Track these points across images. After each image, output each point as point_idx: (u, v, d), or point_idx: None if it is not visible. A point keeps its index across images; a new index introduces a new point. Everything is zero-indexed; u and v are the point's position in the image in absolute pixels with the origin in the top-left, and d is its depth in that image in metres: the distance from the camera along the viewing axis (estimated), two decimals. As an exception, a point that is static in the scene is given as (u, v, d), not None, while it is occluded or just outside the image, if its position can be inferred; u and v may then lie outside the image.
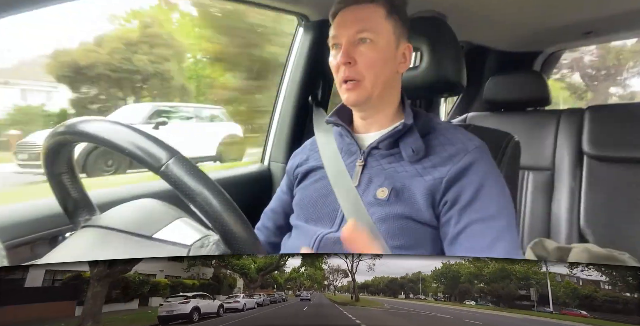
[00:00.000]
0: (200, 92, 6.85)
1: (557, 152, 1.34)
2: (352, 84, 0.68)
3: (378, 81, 0.68)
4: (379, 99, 0.70)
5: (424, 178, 0.65)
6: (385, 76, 0.69)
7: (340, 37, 0.68)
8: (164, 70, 5.83)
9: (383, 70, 0.68)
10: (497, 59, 1.76)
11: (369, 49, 0.67)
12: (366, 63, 0.67)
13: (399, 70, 0.72)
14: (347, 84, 0.68)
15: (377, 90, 0.68)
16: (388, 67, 0.69)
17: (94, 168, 4.15)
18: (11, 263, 0.56)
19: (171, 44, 5.78)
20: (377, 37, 0.67)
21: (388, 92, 0.71)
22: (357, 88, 0.68)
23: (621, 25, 1.48)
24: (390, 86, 0.71)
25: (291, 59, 1.25)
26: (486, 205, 0.62)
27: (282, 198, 0.86)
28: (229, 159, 5.99)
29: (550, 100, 1.43)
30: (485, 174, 0.65)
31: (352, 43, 0.67)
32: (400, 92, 0.75)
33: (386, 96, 0.71)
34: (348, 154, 0.75)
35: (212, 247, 0.50)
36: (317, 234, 0.69)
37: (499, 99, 1.45)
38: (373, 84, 0.68)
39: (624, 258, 1.00)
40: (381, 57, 0.67)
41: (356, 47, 0.67)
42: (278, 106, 1.29)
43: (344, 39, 0.67)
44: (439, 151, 0.68)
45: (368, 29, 0.67)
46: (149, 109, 5.31)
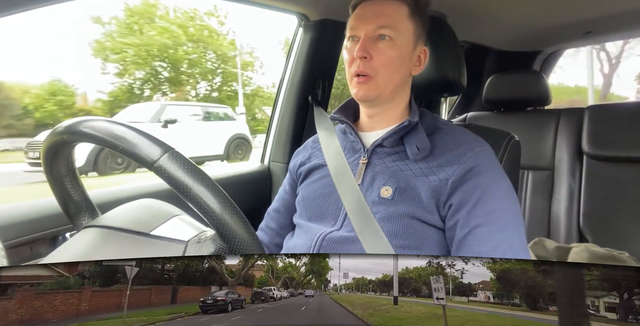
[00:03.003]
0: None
1: (556, 152, 1.35)
2: (364, 79, 0.66)
3: (391, 80, 0.67)
4: (389, 98, 0.69)
5: (428, 178, 0.65)
6: (400, 77, 0.68)
7: (359, 30, 0.66)
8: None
9: (398, 70, 0.67)
10: (497, 59, 1.76)
11: (387, 47, 0.65)
12: (382, 60, 0.65)
13: (412, 72, 0.71)
14: (359, 77, 0.66)
15: (388, 89, 0.67)
16: (404, 67, 0.68)
17: (105, 166, 4.22)
18: (11, 263, 0.56)
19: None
20: (397, 36, 0.65)
21: (399, 93, 0.70)
22: (368, 83, 0.66)
23: (621, 25, 1.48)
24: (401, 87, 0.70)
25: (291, 58, 1.25)
26: (492, 208, 0.61)
27: (285, 198, 0.85)
28: (237, 159, 6.02)
29: (550, 99, 1.43)
30: (492, 177, 0.64)
31: (371, 38, 0.65)
32: (409, 94, 0.74)
33: (396, 97, 0.71)
34: (352, 152, 0.74)
35: (209, 242, 0.50)
36: (320, 233, 0.68)
37: (499, 99, 1.45)
38: (385, 83, 0.66)
39: (624, 258, 1.00)
40: (398, 57, 0.66)
41: (374, 42, 0.65)
42: (278, 105, 1.29)
43: (362, 32, 0.66)
44: (444, 150, 0.67)
45: (389, 25, 0.65)
46: (157, 107, 5.35)
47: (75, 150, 0.55)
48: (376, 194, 0.67)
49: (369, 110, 0.73)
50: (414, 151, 0.67)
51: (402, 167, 0.67)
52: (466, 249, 0.61)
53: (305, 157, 0.81)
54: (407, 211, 0.64)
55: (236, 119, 6.60)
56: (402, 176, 0.66)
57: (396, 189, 0.66)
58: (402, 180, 0.66)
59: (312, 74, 1.22)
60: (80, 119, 0.49)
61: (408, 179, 0.66)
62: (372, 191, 0.68)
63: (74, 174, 0.57)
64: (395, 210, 0.64)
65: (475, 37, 1.58)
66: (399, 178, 0.66)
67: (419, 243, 0.64)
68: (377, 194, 0.67)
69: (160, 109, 5.32)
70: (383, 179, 0.68)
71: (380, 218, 0.65)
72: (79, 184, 0.58)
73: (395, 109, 0.72)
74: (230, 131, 6.05)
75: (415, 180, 0.65)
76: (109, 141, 0.46)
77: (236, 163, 5.80)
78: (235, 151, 6.07)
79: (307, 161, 0.80)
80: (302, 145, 0.86)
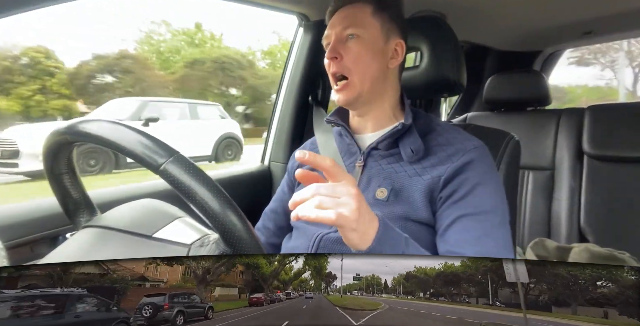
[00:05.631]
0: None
1: (557, 151, 1.35)
2: (342, 85, 0.69)
3: (366, 76, 0.68)
4: (370, 95, 0.70)
5: (422, 178, 0.66)
6: (373, 71, 0.69)
7: (330, 35, 0.71)
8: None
9: (370, 65, 0.69)
10: (497, 59, 1.76)
11: (355, 44, 0.68)
12: (352, 58, 0.68)
13: (389, 65, 0.71)
14: (338, 85, 0.69)
15: (366, 86, 0.69)
16: (376, 61, 0.69)
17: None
18: (11, 263, 0.56)
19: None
20: (363, 32, 0.68)
21: (379, 88, 0.71)
22: (347, 87, 0.69)
23: (621, 25, 1.48)
24: (380, 82, 0.71)
25: (291, 59, 1.25)
26: (479, 201, 0.63)
27: (282, 198, 0.85)
28: (226, 160, 5.74)
29: (550, 100, 1.43)
30: (483, 173, 0.65)
31: (340, 40, 0.69)
32: (397, 90, 0.75)
33: (378, 92, 0.71)
34: (348, 155, 0.75)
35: (212, 246, 0.50)
36: (317, 233, 0.69)
37: (499, 99, 1.45)
38: (361, 80, 0.68)
39: (624, 258, 1.00)
40: (368, 52, 0.68)
41: (344, 43, 0.69)
42: (278, 106, 1.29)
43: (332, 36, 0.70)
44: (437, 151, 0.68)
45: (354, 25, 0.68)
46: (137, 104, 4.92)
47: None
48: (372, 196, 0.67)
49: (355, 111, 0.75)
50: (408, 153, 0.68)
51: (397, 168, 0.68)
52: (448, 238, 0.62)
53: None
54: (402, 213, 0.65)
55: (226, 117, 6.16)
56: (397, 178, 0.67)
57: (391, 190, 0.67)
58: (397, 181, 0.67)
59: (312, 74, 1.22)
60: (84, 119, 0.49)
61: (403, 181, 0.67)
62: (367, 193, 0.68)
63: (74, 173, 0.57)
64: (390, 211, 0.65)
65: (476, 37, 1.58)
66: (393, 180, 0.67)
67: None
68: (373, 196, 0.67)
69: (141, 105, 4.90)
70: (378, 181, 0.69)
71: None
72: (78, 182, 0.58)
73: (383, 107, 0.73)
74: (220, 130, 5.69)
75: (410, 181, 0.66)
76: (114, 143, 0.46)
77: (225, 164, 5.54)
78: (224, 151, 5.73)
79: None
80: (301, 146, 0.87)
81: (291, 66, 1.24)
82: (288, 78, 1.25)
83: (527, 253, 1.13)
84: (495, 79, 1.45)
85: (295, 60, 1.24)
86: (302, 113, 1.25)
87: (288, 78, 1.25)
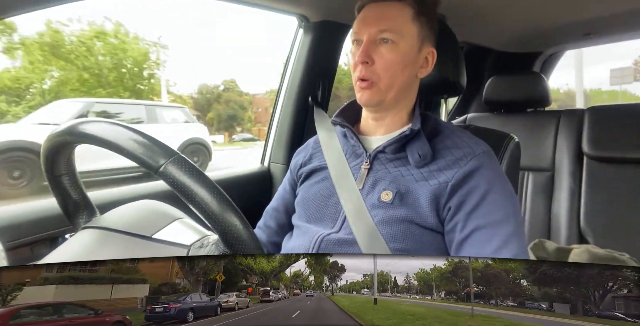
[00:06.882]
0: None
1: (557, 153, 1.35)
2: (367, 83, 0.66)
3: (394, 84, 0.66)
4: (393, 102, 0.69)
5: (429, 182, 0.64)
6: (402, 80, 0.67)
7: (362, 33, 0.66)
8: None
9: (401, 74, 0.66)
10: (497, 60, 1.76)
11: (389, 51, 0.64)
12: (384, 65, 0.65)
13: (418, 75, 0.70)
14: (362, 82, 0.66)
15: (391, 93, 0.67)
16: (407, 71, 0.67)
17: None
18: (11, 263, 0.56)
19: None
20: (400, 39, 0.64)
21: (403, 96, 0.69)
22: (371, 88, 0.66)
23: (621, 26, 1.48)
24: (406, 90, 0.69)
25: (291, 59, 1.25)
26: (492, 211, 0.61)
27: (284, 197, 0.85)
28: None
29: (550, 101, 1.43)
30: (492, 179, 0.63)
31: (373, 42, 0.65)
32: (415, 96, 0.73)
33: (401, 100, 0.70)
34: (353, 157, 0.74)
35: (212, 247, 0.50)
36: (318, 234, 0.69)
37: (499, 100, 1.45)
38: (388, 87, 0.66)
39: (624, 259, 1.00)
40: (401, 61, 0.65)
41: (377, 46, 0.65)
42: (278, 107, 1.29)
43: (365, 36, 0.65)
44: (445, 154, 0.66)
45: (391, 29, 0.64)
46: (79, 106, 4.28)
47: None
48: (376, 198, 0.67)
49: (373, 114, 0.72)
50: (415, 158, 0.66)
51: (404, 172, 0.67)
52: (465, 252, 0.61)
53: (306, 158, 0.81)
54: (406, 216, 0.64)
55: (193, 121, 5.55)
56: (403, 181, 0.66)
57: (396, 193, 0.66)
58: (402, 185, 0.66)
59: (312, 75, 1.22)
60: (84, 120, 0.49)
61: (409, 184, 0.66)
62: (372, 195, 0.67)
63: (73, 174, 0.57)
64: (394, 214, 0.64)
65: (475, 38, 1.58)
66: (399, 183, 0.66)
67: (417, 247, 0.64)
68: (377, 198, 0.67)
69: (85, 107, 4.23)
70: (384, 184, 0.67)
71: (379, 221, 0.65)
72: (78, 183, 0.58)
73: (400, 113, 0.71)
74: (184, 135, 5.03)
75: (416, 185, 0.65)
76: (114, 143, 0.46)
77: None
78: (190, 158, 5.21)
79: (308, 162, 0.80)
80: (304, 144, 0.86)
81: (291, 66, 1.25)
82: (288, 79, 1.26)
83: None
84: (495, 80, 1.45)
85: (295, 61, 1.24)
86: (302, 114, 1.25)
87: (288, 79, 1.26)
